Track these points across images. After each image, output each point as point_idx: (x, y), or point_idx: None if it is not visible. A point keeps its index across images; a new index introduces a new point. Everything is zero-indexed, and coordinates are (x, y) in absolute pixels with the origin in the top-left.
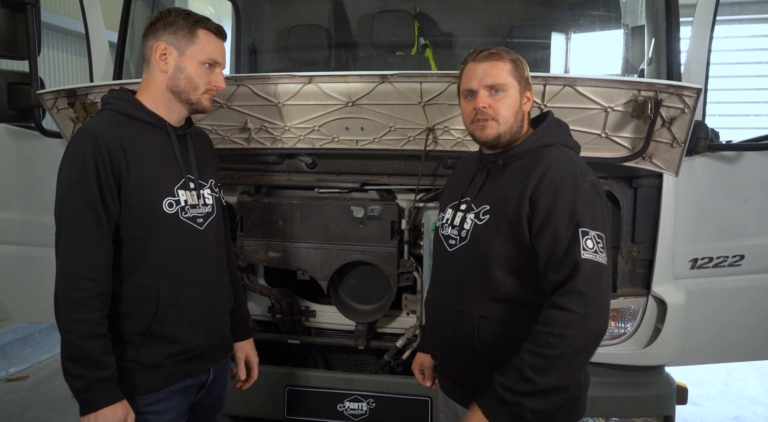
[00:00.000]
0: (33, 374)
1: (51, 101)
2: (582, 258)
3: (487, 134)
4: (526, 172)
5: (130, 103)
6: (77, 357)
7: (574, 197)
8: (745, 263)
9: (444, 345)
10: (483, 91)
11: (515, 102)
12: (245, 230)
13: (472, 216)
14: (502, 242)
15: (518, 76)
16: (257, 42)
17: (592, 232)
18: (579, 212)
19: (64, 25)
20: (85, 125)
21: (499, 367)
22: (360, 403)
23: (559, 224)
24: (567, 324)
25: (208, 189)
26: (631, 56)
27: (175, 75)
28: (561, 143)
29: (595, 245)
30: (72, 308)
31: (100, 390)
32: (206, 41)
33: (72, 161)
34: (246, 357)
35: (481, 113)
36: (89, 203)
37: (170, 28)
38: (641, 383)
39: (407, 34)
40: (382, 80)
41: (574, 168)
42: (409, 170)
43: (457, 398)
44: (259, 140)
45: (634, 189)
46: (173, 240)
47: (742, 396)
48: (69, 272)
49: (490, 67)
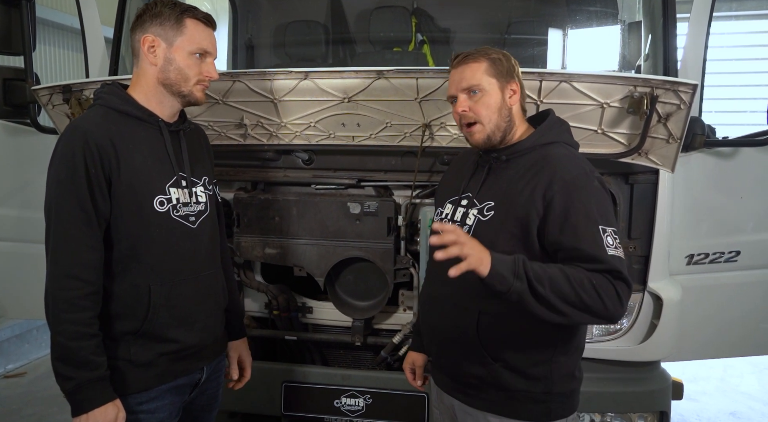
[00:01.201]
0: (30, 370)
1: (46, 97)
2: (608, 255)
3: (476, 140)
4: (533, 169)
5: (122, 99)
6: (67, 357)
7: (588, 195)
8: (741, 259)
9: (442, 340)
10: (462, 96)
11: (495, 99)
12: (242, 226)
13: (474, 212)
14: (507, 239)
15: (496, 72)
16: (254, 38)
17: (609, 229)
18: (595, 210)
19: (59, 21)
20: (75, 122)
21: (499, 362)
22: (357, 399)
23: (579, 223)
24: (609, 299)
25: (201, 187)
26: (627, 52)
27: (164, 67)
28: (564, 140)
29: (614, 242)
30: (61, 308)
31: (91, 391)
32: (195, 30)
33: (61, 159)
34: (239, 356)
35: (463, 117)
36: (79, 201)
37: (157, 19)
38: (637, 378)
39: (404, 30)
40: (378, 76)
41: (583, 166)
42: (405, 166)
43: (454, 393)
44: (256, 136)
45: (630, 185)
46: (165, 239)
47: (738, 392)
48: (58, 271)
49: (464, 71)
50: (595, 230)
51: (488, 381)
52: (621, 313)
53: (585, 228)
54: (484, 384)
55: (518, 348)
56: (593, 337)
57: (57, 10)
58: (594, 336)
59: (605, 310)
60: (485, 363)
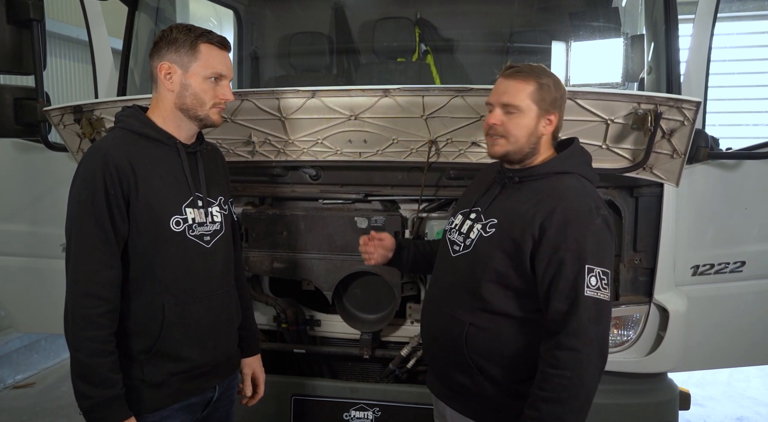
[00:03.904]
0: (39, 381)
1: (57, 117)
2: (585, 296)
3: (494, 151)
4: (540, 196)
5: (141, 122)
6: (85, 374)
7: (585, 233)
8: (746, 270)
9: (435, 345)
10: (498, 108)
11: (530, 124)
12: (250, 241)
13: (479, 227)
14: (501, 258)
15: (539, 99)
16: (259, 49)
17: (597, 269)
18: (587, 248)
19: (66, 33)
20: (96, 144)
21: (483, 374)
22: (366, 412)
23: (566, 258)
24: (576, 364)
25: (216, 207)
26: (630, 65)
27: (181, 93)
28: (580, 172)
29: (599, 282)
30: (80, 326)
31: (107, 410)
32: (209, 55)
33: (82, 180)
34: (253, 373)
35: (491, 128)
36: (98, 221)
37: (172, 46)
38: (644, 390)
39: (408, 41)
40: (384, 94)
41: (589, 202)
42: (412, 181)
43: (445, 399)
44: (264, 152)
45: (635, 198)
46: (180, 258)
47: (745, 397)
48: (77, 289)
49: (511, 86)
50: (580, 268)
51: (474, 390)
52: (599, 360)
53: (570, 265)
54: (471, 393)
55: (504, 364)
56: None
57: (63, 23)
58: None
59: (591, 376)
60: (471, 374)
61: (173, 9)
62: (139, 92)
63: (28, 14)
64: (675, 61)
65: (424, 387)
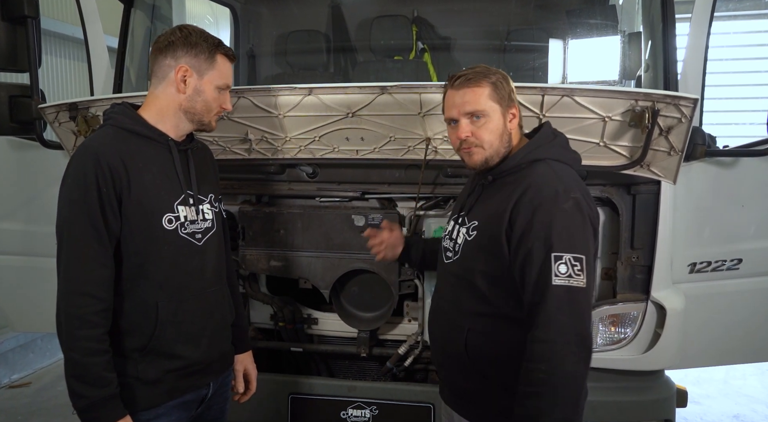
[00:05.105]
0: (35, 380)
1: (53, 115)
2: (553, 285)
3: (474, 161)
4: (511, 188)
5: (132, 119)
6: (80, 374)
7: (551, 218)
8: (743, 267)
9: (441, 352)
10: (464, 120)
11: (498, 125)
12: (247, 239)
13: (464, 231)
14: (486, 258)
15: (498, 97)
16: (255, 47)
17: (567, 255)
18: (554, 234)
19: (61, 31)
20: (87, 142)
21: (487, 379)
22: (363, 410)
23: (534, 246)
24: (551, 356)
25: (207, 204)
26: (628, 63)
27: (192, 97)
28: (552, 157)
29: (570, 269)
30: (74, 325)
31: (103, 410)
32: (223, 66)
33: (74, 179)
34: (245, 369)
35: (464, 142)
36: (90, 220)
37: (192, 50)
38: (641, 387)
39: (405, 39)
40: (381, 92)
41: (557, 186)
42: (409, 178)
43: (454, 406)
44: (260, 150)
45: (633, 196)
46: (172, 256)
47: (741, 394)
48: (70, 288)
49: (467, 94)
50: (546, 256)
51: (479, 395)
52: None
53: (537, 254)
54: (476, 398)
55: (505, 367)
56: (597, 347)
57: (59, 21)
58: (598, 346)
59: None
60: (474, 379)
61: (169, 7)
62: (134, 90)
63: (23, 11)
64: (672, 58)
65: (421, 385)
